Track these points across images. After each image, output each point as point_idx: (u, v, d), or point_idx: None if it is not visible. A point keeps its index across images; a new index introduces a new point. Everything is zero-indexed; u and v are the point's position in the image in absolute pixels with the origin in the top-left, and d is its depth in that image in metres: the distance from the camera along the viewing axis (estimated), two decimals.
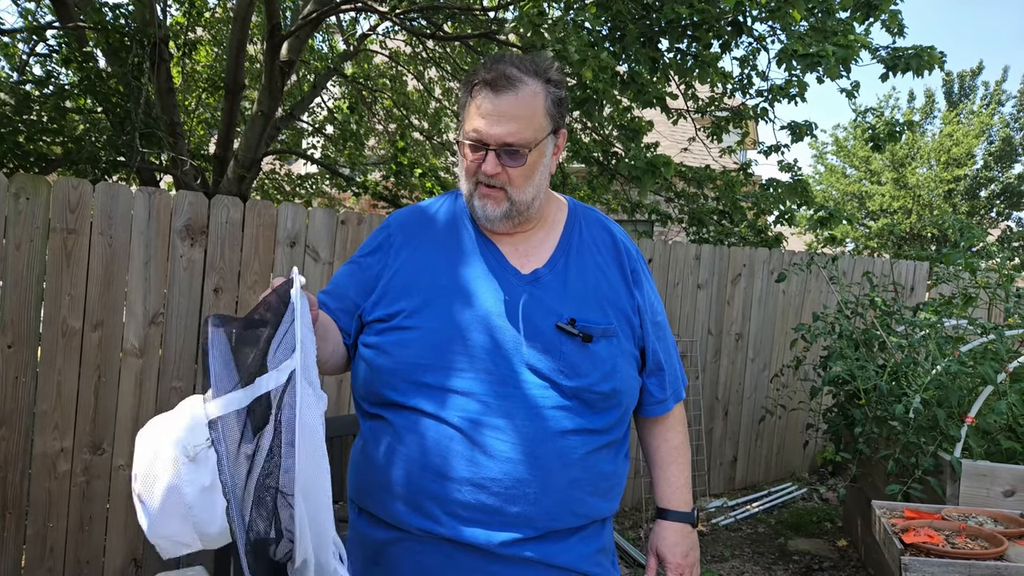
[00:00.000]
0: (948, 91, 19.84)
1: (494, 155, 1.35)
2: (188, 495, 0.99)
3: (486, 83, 1.35)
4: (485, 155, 1.36)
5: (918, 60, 4.43)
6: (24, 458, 2.86)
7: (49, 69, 5.43)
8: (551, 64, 1.43)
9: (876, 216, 18.43)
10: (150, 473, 1.00)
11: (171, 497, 0.98)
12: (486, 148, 1.36)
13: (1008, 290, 3.91)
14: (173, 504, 0.99)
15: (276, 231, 3.34)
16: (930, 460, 3.00)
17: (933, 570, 2.12)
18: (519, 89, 1.35)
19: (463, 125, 1.40)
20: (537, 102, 1.37)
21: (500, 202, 1.39)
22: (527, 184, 1.40)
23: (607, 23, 4.55)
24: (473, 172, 1.39)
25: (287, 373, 1.04)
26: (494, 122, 1.34)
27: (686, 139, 6.91)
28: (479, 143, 1.36)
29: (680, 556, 1.52)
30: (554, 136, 1.43)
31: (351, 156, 7.89)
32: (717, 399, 5.19)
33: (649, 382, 1.52)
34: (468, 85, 1.40)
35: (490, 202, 1.40)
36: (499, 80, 1.34)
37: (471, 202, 1.43)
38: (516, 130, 1.34)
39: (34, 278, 2.84)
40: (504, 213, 1.40)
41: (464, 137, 1.38)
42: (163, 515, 1.00)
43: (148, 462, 1.01)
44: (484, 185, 1.39)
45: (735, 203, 6.12)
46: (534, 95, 1.37)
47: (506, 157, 1.36)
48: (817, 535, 4.52)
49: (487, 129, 1.34)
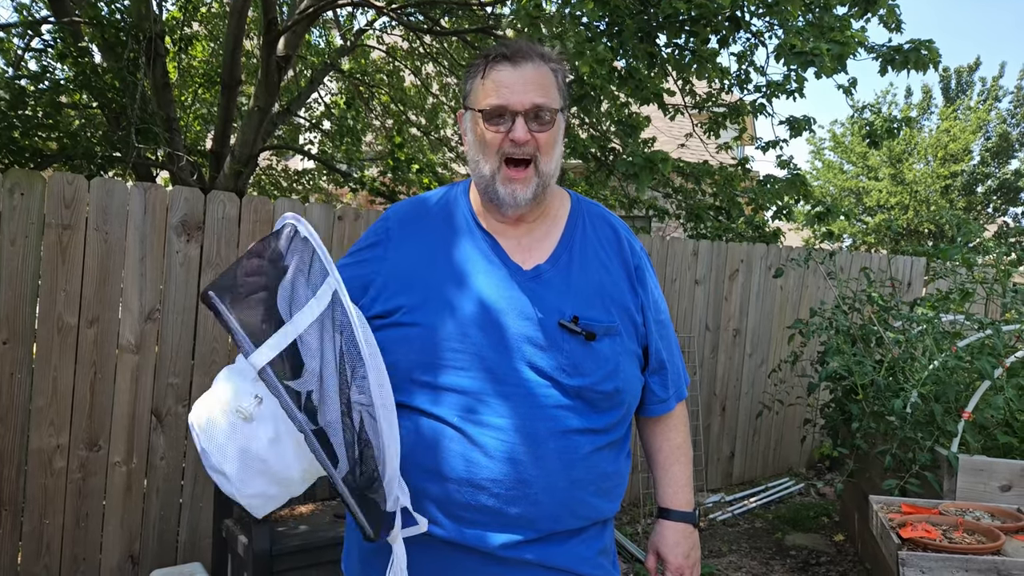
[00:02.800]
0: (945, 87, 19.86)
1: (523, 120, 1.34)
2: (258, 450, 1.03)
3: (504, 57, 1.37)
4: (513, 123, 1.35)
5: (916, 55, 4.42)
6: (20, 454, 2.85)
7: (44, 64, 5.41)
8: (554, 53, 1.45)
9: (873, 212, 18.44)
10: (215, 444, 1.04)
11: (244, 459, 1.03)
12: (512, 117, 1.35)
13: (1005, 285, 3.91)
14: (249, 463, 1.04)
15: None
16: (927, 455, 3.01)
17: (930, 565, 2.12)
18: (535, 60, 1.38)
19: (479, 103, 1.38)
20: (551, 75, 1.40)
21: (528, 183, 1.37)
22: (552, 153, 1.40)
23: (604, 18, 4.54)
24: (498, 146, 1.36)
25: (328, 296, 1.08)
26: (519, 89, 1.35)
27: (683, 135, 6.90)
28: (504, 111, 1.35)
29: (681, 556, 1.51)
30: (563, 114, 1.43)
31: (348, 152, 7.87)
32: (715, 395, 5.19)
33: (651, 381, 1.50)
34: (478, 66, 1.40)
35: (519, 186, 1.37)
36: (516, 52, 1.37)
37: (494, 187, 1.38)
38: (542, 93, 1.36)
39: (29, 274, 2.83)
40: (532, 194, 1.38)
41: (485, 107, 1.36)
42: (244, 476, 1.05)
43: (211, 435, 1.05)
44: (510, 165, 1.37)
45: (733, 199, 6.12)
46: (548, 70, 1.40)
47: (534, 123, 1.35)
48: (814, 530, 4.53)
49: (512, 96, 1.34)
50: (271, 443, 1.05)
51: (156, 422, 3.11)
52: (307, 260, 1.11)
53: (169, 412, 3.14)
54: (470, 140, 1.42)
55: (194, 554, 3.21)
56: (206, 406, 1.09)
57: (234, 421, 1.04)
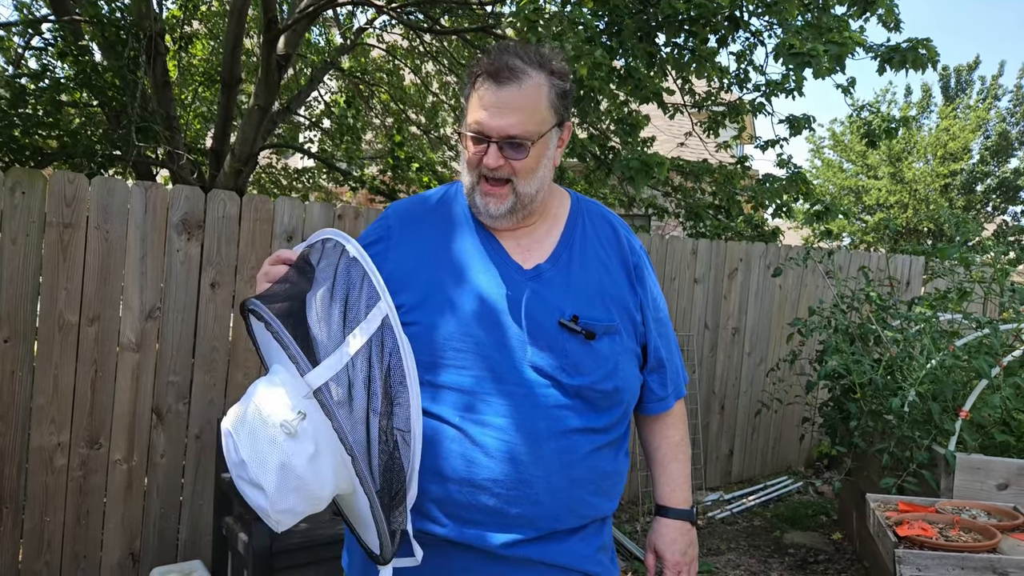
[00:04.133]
0: (945, 86, 19.86)
1: (496, 148, 1.33)
2: (298, 467, 1.04)
3: (489, 74, 1.32)
4: (487, 148, 1.33)
5: (914, 55, 4.42)
6: (21, 452, 2.86)
7: (45, 63, 5.41)
8: (555, 54, 1.40)
9: (872, 211, 18.44)
10: (257, 456, 1.05)
11: (284, 473, 1.04)
12: (488, 140, 1.33)
13: (1003, 284, 3.92)
14: (287, 479, 1.04)
15: (273, 225, 3.34)
16: (925, 454, 3.02)
17: (927, 562, 2.13)
18: (522, 81, 1.32)
19: (466, 116, 1.37)
20: (540, 94, 1.34)
21: (503, 199, 1.36)
22: (531, 177, 1.37)
23: (604, 17, 4.55)
24: (475, 164, 1.36)
25: (378, 320, 1.10)
26: (496, 114, 1.31)
27: (683, 134, 6.91)
28: (481, 135, 1.33)
29: (679, 554, 1.51)
30: (558, 129, 1.40)
31: (348, 150, 7.88)
32: (714, 393, 5.20)
33: (650, 379, 1.50)
34: (471, 76, 1.38)
35: (492, 200, 1.37)
36: (502, 71, 1.31)
37: (472, 197, 1.39)
38: (519, 122, 1.31)
39: (30, 272, 2.84)
40: (508, 209, 1.37)
41: (466, 129, 1.35)
42: (281, 492, 1.05)
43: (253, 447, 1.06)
44: (487, 181, 1.36)
45: (732, 197, 6.12)
46: (537, 87, 1.34)
47: (509, 150, 1.33)
48: (812, 528, 4.54)
49: (489, 121, 1.31)
50: (310, 460, 1.05)
51: (157, 420, 3.12)
52: (357, 281, 1.12)
53: (169, 410, 3.15)
54: (462, 147, 1.42)
55: (194, 552, 3.22)
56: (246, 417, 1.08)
57: (276, 435, 1.04)
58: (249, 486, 1.06)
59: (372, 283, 1.12)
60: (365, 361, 1.08)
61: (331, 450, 1.07)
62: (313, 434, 1.05)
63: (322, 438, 1.06)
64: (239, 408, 1.10)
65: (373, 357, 1.08)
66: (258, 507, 1.07)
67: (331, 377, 1.05)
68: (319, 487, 1.07)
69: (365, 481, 1.05)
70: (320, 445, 1.06)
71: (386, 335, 1.10)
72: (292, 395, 1.07)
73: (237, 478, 1.07)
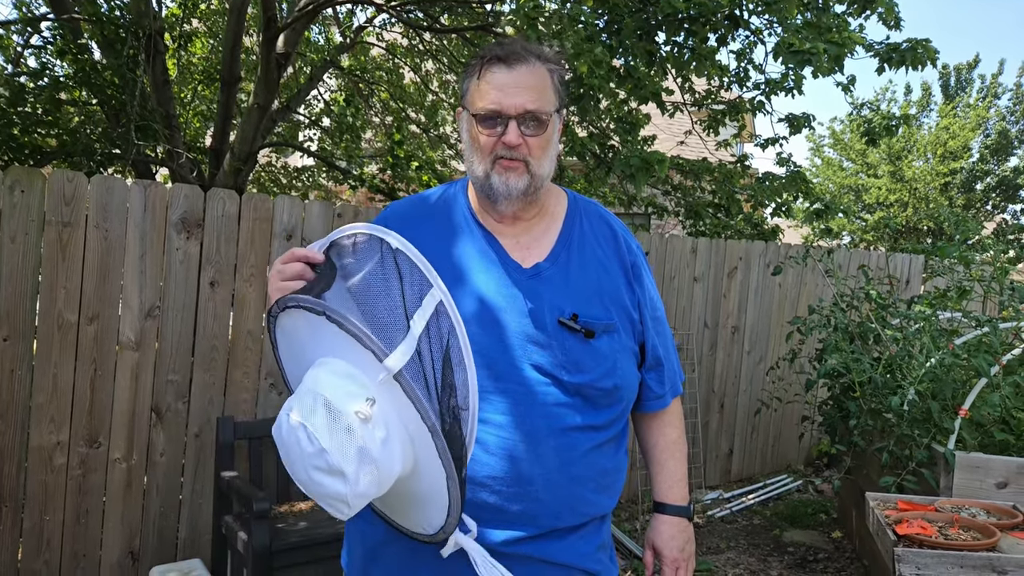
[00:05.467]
0: (945, 84, 19.84)
1: (515, 124, 1.35)
2: (374, 451, 1.08)
3: (499, 58, 1.36)
4: (505, 128, 1.35)
5: (913, 54, 4.42)
6: (20, 451, 2.86)
7: (44, 61, 5.40)
8: (551, 52, 1.44)
9: (872, 209, 18.44)
10: (337, 444, 1.08)
11: (362, 459, 1.07)
12: (505, 120, 1.35)
13: (1003, 283, 3.92)
14: (365, 464, 1.08)
15: (272, 224, 3.34)
16: (924, 452, 3.02)
17: (926, 561, 2.13)
18: (531, 62, 1.37)
19: (473, 104, 1.38)
20: (547, 76, 1.39)
21: (522, 174, 1.37)
22: (544, 157, 1.39)
23: (603, 16, 4.54)
24: (491, 148, 1.37)
25: (432, 306, 1.14)
26: (512, 92, 1.34)
27: (683, 132, 6.90)
28: (497, 115, 1.35)
29: (676, 550, 1.52)
30: (559, 115, 1.42)
31: (347, 149, 7.87)
32: (713, 392, 5.21)
33: (648, 377, 1.51)
34: (474, 67, 1.40)
35: (512, 174, 1.37)
36: (511, 55, 1.36)
37: (488, 181, 1.39)
38: (535, 98, 1.35)
39: (29, 271, 2.84)
40: (525, 186, 1.38)
41: (479, 111, 1.36)
42: (359, 477, 1.09)
43: (334, 435, 1.08)
44: (504, 160, 1.37)
45: (732, 196, 6.12)
46: (544, 70, 1.39)
47: (526, 127, 1.36)
48: (812, 527, 4.55)
49: (505, 100, 1.34)
50: (383, 444, 1.09)
51: (156, 419, 3.12)
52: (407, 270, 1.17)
53: (169, 409, 3.15)
54: (465, 140, 1.43)
55: (194, 550, 3.23)
56: (316, 407, 1.10)
57: (352, 423, 1.07)
58: (326, 475, 1.08)
59: (421, 271, 1.16)
60: (427, 344, 1.12)
61: (398, 433, 1.11)
62: (382, 418, 1.10)
63: (391, 421, 1.10)
64: (302, 400, 1.12)
65: (432, 340, 1.13)
66: (334, 494, 1.09)
67: (408, 360, 1.09)
68: (389, 469, 1.11)
69: (444, 454, 1.09)
70: (390, 429, 1.10)
71: (442, 320, 1.14)
72: (359, 382, 1.11)
73: (310, 468, 1.09)
